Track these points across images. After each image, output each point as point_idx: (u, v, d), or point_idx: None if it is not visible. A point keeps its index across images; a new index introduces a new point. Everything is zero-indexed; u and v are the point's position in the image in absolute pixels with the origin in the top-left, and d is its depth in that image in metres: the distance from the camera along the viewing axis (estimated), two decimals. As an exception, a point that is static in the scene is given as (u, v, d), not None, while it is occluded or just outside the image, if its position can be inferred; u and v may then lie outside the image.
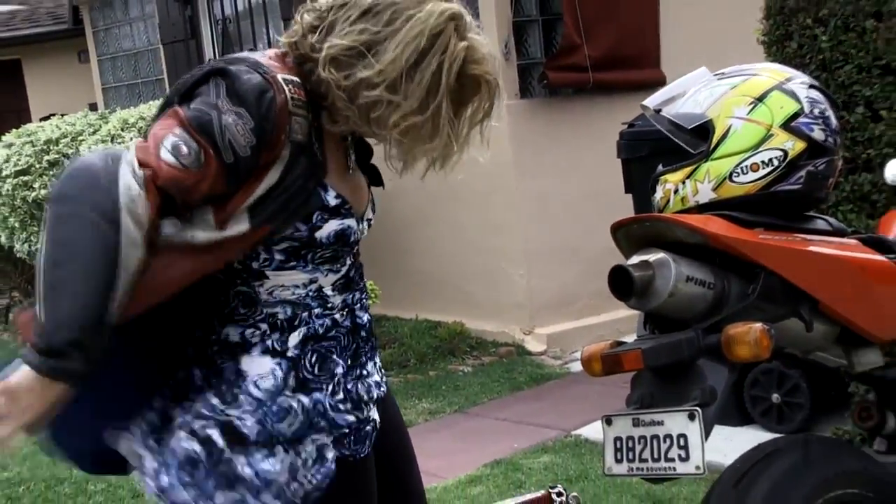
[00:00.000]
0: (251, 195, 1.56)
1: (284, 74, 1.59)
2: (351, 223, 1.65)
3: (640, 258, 1.80)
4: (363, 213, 1.71)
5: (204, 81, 1.56)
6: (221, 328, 1.63)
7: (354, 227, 1.66)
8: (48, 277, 1.40)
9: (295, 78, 1.60)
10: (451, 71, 1.58)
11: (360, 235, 1.70)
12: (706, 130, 1.89)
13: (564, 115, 5.85)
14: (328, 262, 1.65)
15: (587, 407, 4.27)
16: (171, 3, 7.91)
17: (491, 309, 5.92)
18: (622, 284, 1.78)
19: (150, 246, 1.47)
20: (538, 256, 5.79)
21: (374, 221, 1.80)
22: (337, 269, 1.67)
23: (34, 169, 6.96)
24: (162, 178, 1.49)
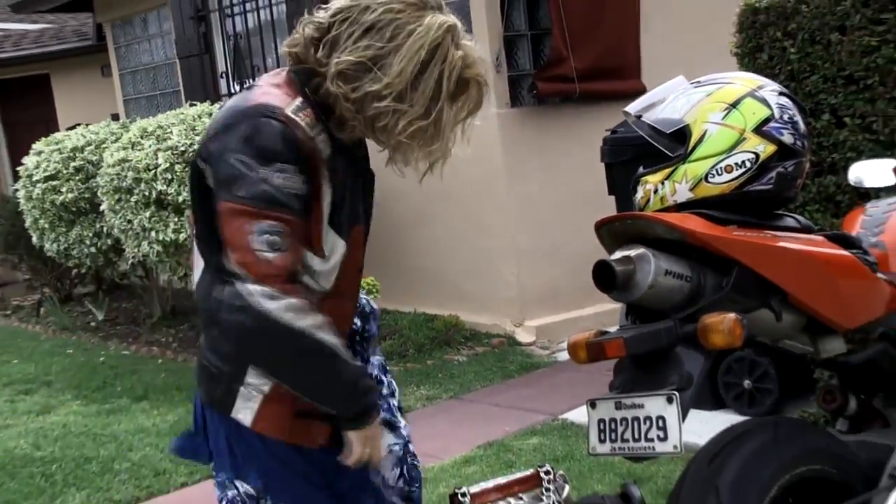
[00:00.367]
0: (322, 216, 1.61)
1: (292, 105, 1.59)
2: None
3: (622, 253, 1.80)
4: None
5: (227, 160, 1.55)
6: None
7: None
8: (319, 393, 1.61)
9: (299, 100, 1.60)
10: (451, 78, 1.60)
11: None
12: (684, 135, 1.88)
13: (552, 122, 5.84)
14: None
15: (573, 393, 4.28)
16: (186, 20, 7.89)
17: (484, 303, 5.91)
18: (605, 278, 1.77)
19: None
20: (527, 254, 5.78)
21: (372, 221, 1.82)
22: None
23: (62, 174, 6.95)
24: (283, 269, 1.54)
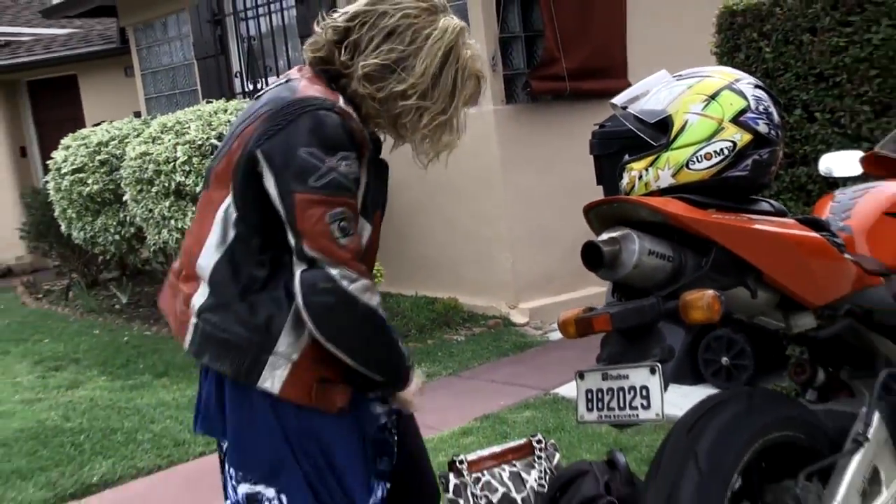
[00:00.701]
0: (359, 201, 1.63)
1: (340, 100, 1.62)
2: None
3: (608, 235, 1.79)
4: None
5: (299, 153, 1.56)
6: None
7: None
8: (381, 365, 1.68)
9: (341, 97, 1.63)
10: (464, 76, 1.65)
11: None
12: (666, 124, 1.88)
13: (545, 118, 5.83)
14: None
15: (563, 370, 4.25)
16: (203, 24, 7.86)
17: (481, 286, 5.91)
18: (593, 258, 1.77)
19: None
20: (521, 241, 5.78)
21: None
22: None
23: (88, 167, 6.94)
24: (355, 252, 1.59)
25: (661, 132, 1.89)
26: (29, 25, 12.36)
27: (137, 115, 8.67)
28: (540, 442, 2.23)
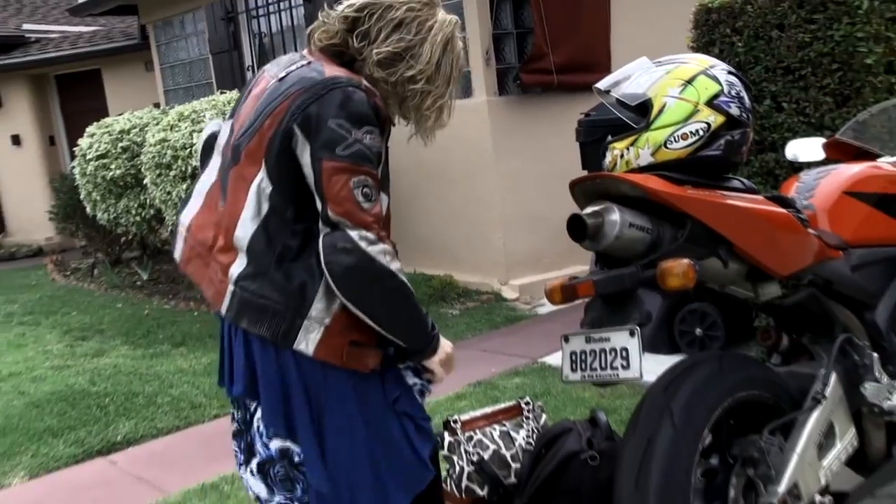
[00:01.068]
0: (379, 169, 1.63)
1: (363, 80, 1.63)
2: None
3: (592, 209, 1.79)
4: None
5: (329, 125, 1.56)
6: None
7: None
8: (402, 329, 1.67)
9: (362, 78, 1.65)
10: (458, 63, 1.72)
11: None
12: (646, 107, 1.87)
13: (534, 109, 5.81)
14: None
15: (550, 341, 4.30)
16: (218, 21, 7.81)
17: (474, 265, 5.91)
18: (578, 229, 1.77)
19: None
20: (512, 223, 5.78)
21: None
22: None
23: (111, 153, 6.91)
24: (377, 217, 1.58)
25: (641, 114, 1.89)
26: (57, 23, 12.29)
27: (157, 106, 8.63)
28: (528, 404, 2.23)
